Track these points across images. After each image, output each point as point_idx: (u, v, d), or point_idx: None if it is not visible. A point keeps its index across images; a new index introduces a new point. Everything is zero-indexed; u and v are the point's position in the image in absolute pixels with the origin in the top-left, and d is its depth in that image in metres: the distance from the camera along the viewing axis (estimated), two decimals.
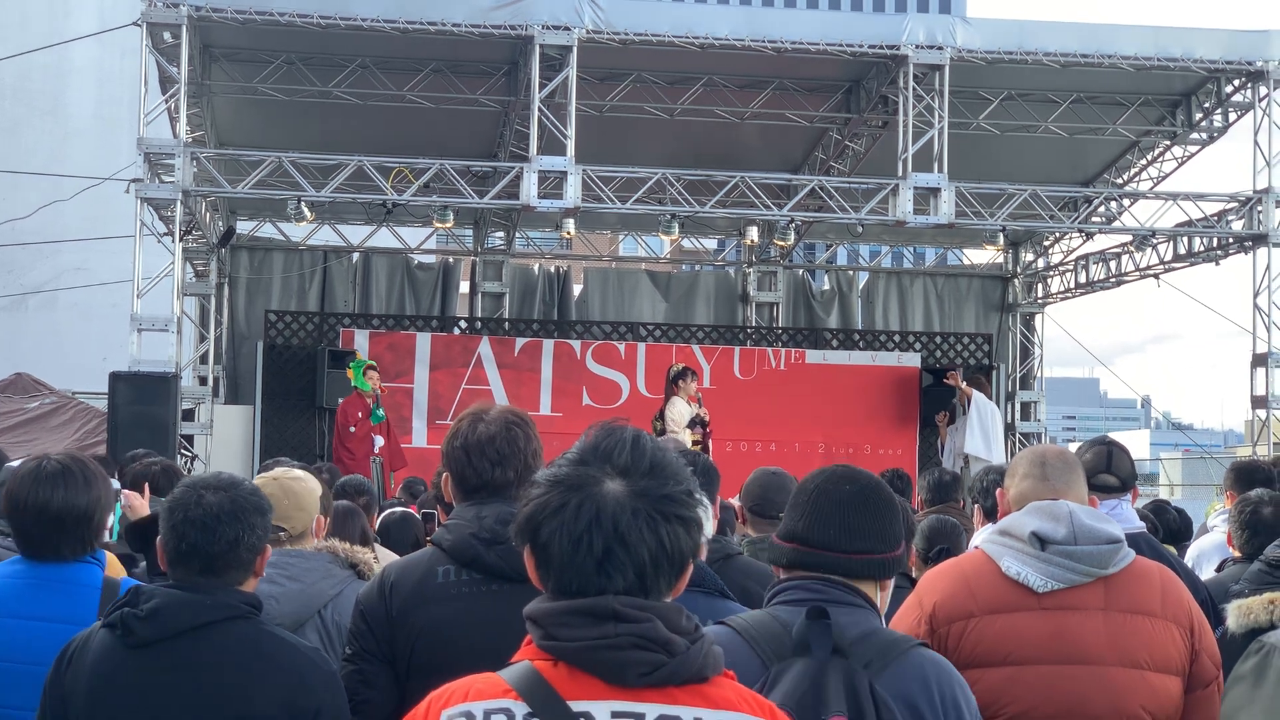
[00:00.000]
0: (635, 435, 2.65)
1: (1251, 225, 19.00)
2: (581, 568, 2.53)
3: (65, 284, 29.14)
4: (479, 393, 20.95)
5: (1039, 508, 4.47)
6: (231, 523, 4.05)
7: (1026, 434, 24.16)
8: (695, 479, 2.69)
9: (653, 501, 2.56)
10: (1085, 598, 4.39)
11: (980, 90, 19.65)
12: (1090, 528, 4.41)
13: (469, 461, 4.28)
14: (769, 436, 21.30)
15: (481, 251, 23.71)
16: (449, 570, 4.14)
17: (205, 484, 4.14)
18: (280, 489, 5.65)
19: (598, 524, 2.53)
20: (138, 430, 15.77)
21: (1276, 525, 6.64)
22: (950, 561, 4.71)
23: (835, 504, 3.74)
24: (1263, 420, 19.07)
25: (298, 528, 5.63)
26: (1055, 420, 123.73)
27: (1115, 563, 4.42)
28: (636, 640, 2.50)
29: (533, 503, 2.60)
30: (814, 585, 3.68)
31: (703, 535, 4.75)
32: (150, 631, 3.91)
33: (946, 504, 9.28)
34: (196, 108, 19.00)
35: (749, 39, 17.86)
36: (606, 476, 2.58)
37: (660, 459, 2.62)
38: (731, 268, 25.39)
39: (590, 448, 2.63)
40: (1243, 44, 18.71)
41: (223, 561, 4.05)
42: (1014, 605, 4.38)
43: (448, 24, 17.30)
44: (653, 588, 2.56)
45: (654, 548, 2.54)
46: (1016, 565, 4.41)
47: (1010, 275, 24.84)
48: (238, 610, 4.00)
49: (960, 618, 4.39)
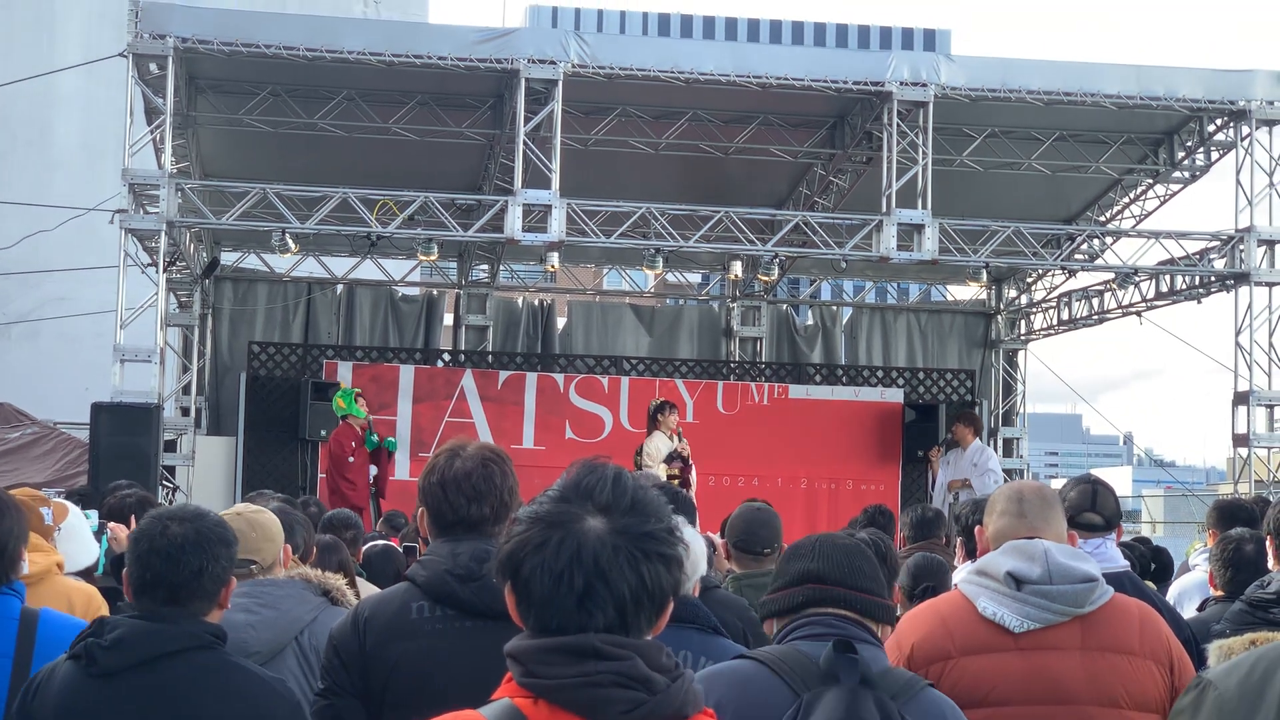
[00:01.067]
0: (616, 473, 2.65)
1: (1234, 264, 19.07)
2: (562, 605, 2.53)
3: (48, 314, 29.06)
4: (462, 426, 20.92)
5: (1015, 547, 4.48)
6: (196, 553, 4.07)
7: (1009, 470, 24.16)
8: (677, 517, 2.69)
9: (633, 539, 2.56)
10: (1062, 637, 4.40)
11: (964, 127, 19.73)
12: (1066, 566, 4.41)
13: (445, 497, 4.28)
14: (752, 471, 21.31)
15: (465, 284, 23.72)
16: (423, 606, 4.14)
17: (171, 515, 4.17)
18: (246, 523, 5.73)
19: (578, 561, 2.53)
20: (120, 461, 15.73)
21: (1259, 562, 6.64)
22: (928, 603, 4.73)
23: (841, 549, 3.86)
24: (1244, 458, 19.10)
25: (268, 559, 5.71)
26: (1038, 456, 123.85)
27: (1091, 601, 4.43)
28: (617, 678, 2.49)
29: (514, 539, 2.60)
30: (832, 621, 3.75)
31: (689, 572, 4.78)
32: (114, 661, 3.92)
33: (929, 540, 9.28)
34: (182, 139, 19.00)
35: (734, 74, 17.92)
36: (588, 514, 2.58)
37: (641, 496, 2.62)
38: (715, 302, 25.42)
39: (571, 485, 2.63)
40: (1224, 83, 18.81)
41: (187, 591, 4.06)
42: (991, 646, 4.39)
43: (433, 57, 17.34)
44: (634, 625, 2.55)
45: (635, 585, 2.54)
46: (993, 606, 4.42)
47: (993, 311, 24.91)
48: (201, 640, 4.02)
49: (939, 659, 4.40)
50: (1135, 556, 9.83)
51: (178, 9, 17.45)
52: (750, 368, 23.53)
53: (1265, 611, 5.18)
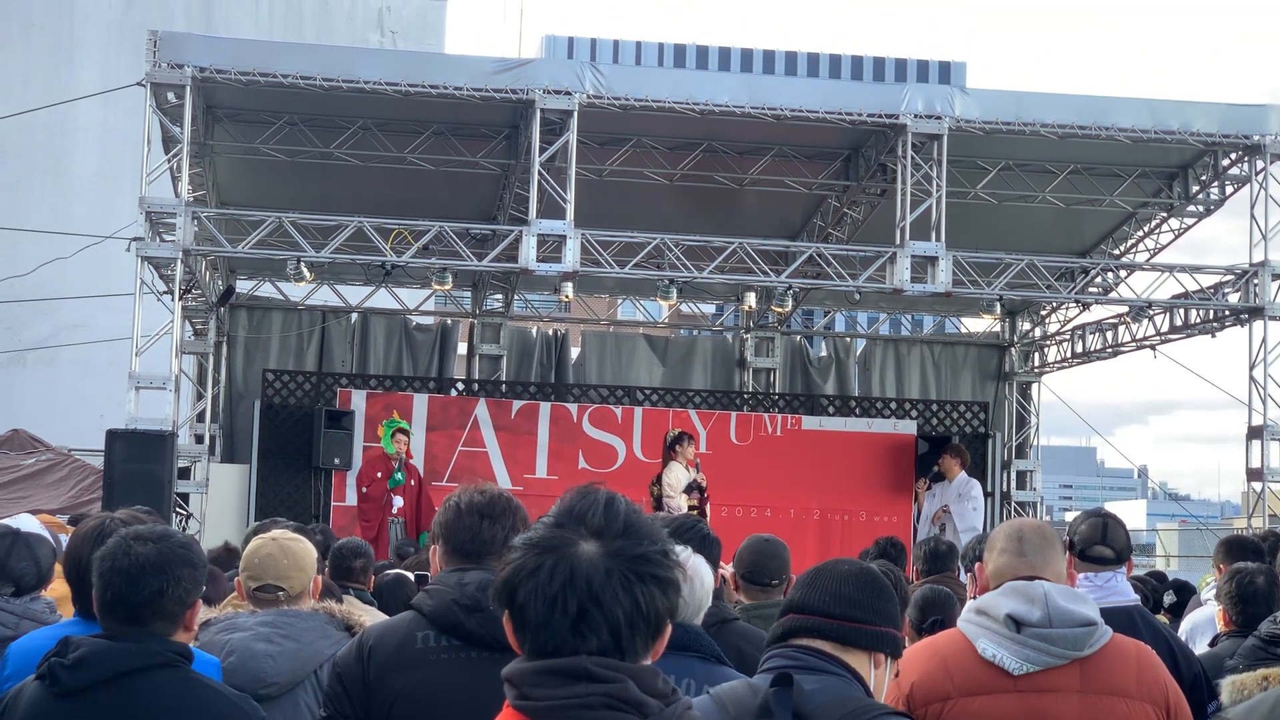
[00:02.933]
0: (609, 497, 2.67)
1: (1248, 298, 19.06)
2: (557, 629, 2.54)
3: (64, 341, 29.17)
4: (475, 455, 20.96)
5: (1015, 589, 4.48)
6: (156, 574, 4.09)
7: (1022, 503, 24.14)
8: (671, 540, 2.70)
9: (627, 562, 2.57)
10: (1061, 680, 4.41)
11: (978, 160, 19.75)
12: (1065, 610, 4.42)
13: (461, 528, 4.31)
14: (764, 502, 21.28)
15: (480, 314, 23.76)
16: (429, 635, 4.15)
17: (137, 535, 4.20)
18: (279, 549, 5.70)
19: (571, 585, 2.54)
20: (134, 488, 15.74)
21: (1271, 595, 6.63)
22: (927, 641, 4.73)
23: (830, 576, 3.85)
24: (1258, 492, 19.05)
25: (295, 588, 5.66)
26: (1051, 489, 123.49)
27: (1090, 644, 4.43)
28: (608, 700, 2.50)
29: (509, 566, 2.62)
30: (792, 653, 3.75)
31: (696, 603, 4.79)
32: (76, 680, 3.96)
33: (943, 574, 9.25)
34: (198, 167, 19.09)
35: (749, 106, 17.97)
36: (581, 538, 2.59)
37: (634, 520, 2.64)
38: (729, 333, 25.43)
39: (565, 510, 2.65)
40: (1239, 118, 18.82)
41: (148, 611, 4.09)
42: (990, 687, 4.39)
43: (449, 87, 17.42)
44: (629, 649, 2.56)
45: (629, 608, 2.55)
46: (992, 648, 4.42)
47: (1007, 344, 24.90)
48: (164, 658, 4.05)
49: (937, 699, 4.40)
50: (1148, 591, 9.82)
51: (195, 39, 17.60)
52: (764, 399, 23.52)
53: (1279, 646, 5.17)
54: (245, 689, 5.14)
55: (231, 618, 5.59)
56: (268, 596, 5.67)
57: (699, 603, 4.79)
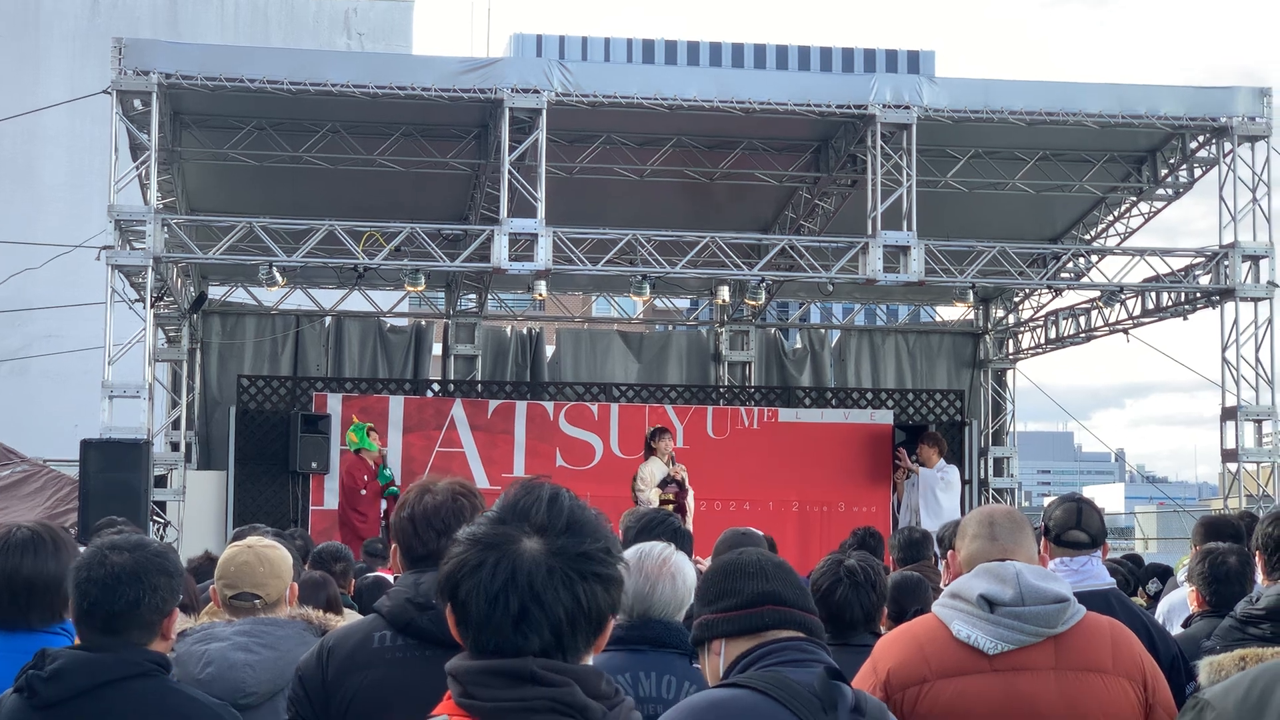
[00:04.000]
0: (553, 493, 2.66)
1: (1219, 280, 19.13)
2: (499, 627, 2.54)
3: (36, 351, 29.05)
4: (452, 455, 20.94)
5: (986, 569, 4.51)
6: (132, 583, 4.08)
7: (1000, 490, 24.22)
8: (616, 537, 2.69)
9: (569, 560, 2.57)
10: (1036, 658, 4.43)
11: (948, 149, 19.79)
12: (1037, 588, 4.45)
13: (415, 532, 4.33)
14: (743, 496, 21.30)
15: (453, 314, 23.73)
16: (385, 635, 4.18)
17: (112, 544, 4.18)
18: (255, 556, 5.69)
19: (513, 583, 2.54)
20: (109, 498, 15.70)
21: (1244, 575, 6.66)
22: (903, 626, 4.75)
23: (783, 567, 3.82)
24: (1234, 473, 19.13)
25: (272, 595, 5.65)
26: (1029, 475, 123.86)
27: (1064, 621, 4.46)
28: (553, 704, 2.50)
29: (452, 561, 2.62)
30: (804, 646, 3.72)
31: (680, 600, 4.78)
32: (53, 692, 3.94)
33: (919, 562, 9.29)
34: (167, 174, 19.03)
35: (718, 100, 17.97)
36: (524, 535, 2.59)
37: (578, 516, 2.63)
38: (704, 327, 25.45)
39: (508, 506, 2.64)
40: (1206, 101, 18.89)
41: (124, 621, 4.08)
42: (966, 668, 4.42)
43: (417, 88, 17.39)
44: (570, 646, 2.56)
45: (570, 607, 2.55)
46: (966, 629, 4.45)
47: (981, 331, 24.96)
48: (141, 668, 4.04)
49: (914, 683, 4.42)
50: (1125, 574, 9.86)
51: (161, 45, 17.54)
52: (739, 392, 23.55)
53: (1255, 627, 5.19)
54: (224, 699, 5.13)
55: (208, 627, 5.58)
56: (244, 605, 5.65)
57: (680, 600, 4.79)
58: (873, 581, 5.93)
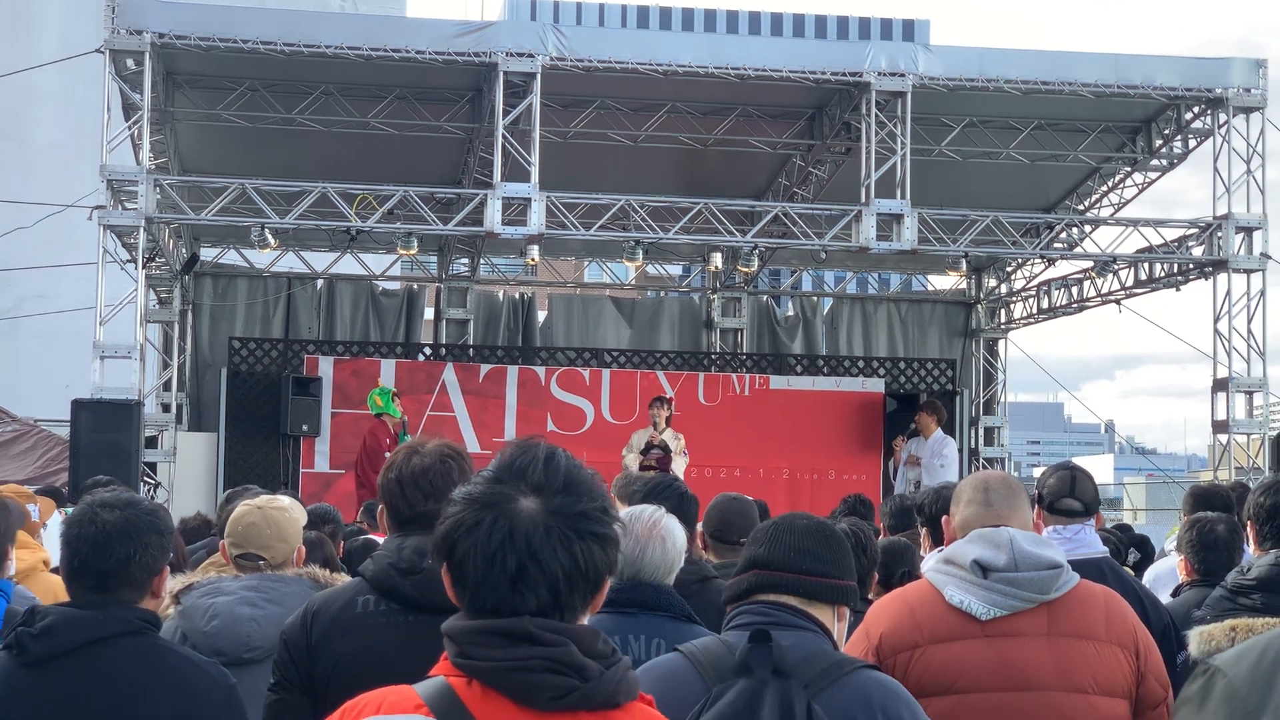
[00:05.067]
0: (549, 452, 2.64)
1: (1212, 251, 19.12)
2: (495, 586, 2.53)
3: (27, 311, 28.98)
4: (443, 419, 20.94)
5: (980, 535, 4.51)
6: (123, 541, 4.09)
7: (990, 459, 24.26)
8: (609, 495, 2.67)
9: (566, 519, 2.56)
10: (1028, 624, 4.44)
11: (942, 117, 19.76)
12: (1031, 554, 4.45)
13: (402, 494, 4.31)
14: (734, 462, 21.32)
15: (446, 278, 23.70)
16: (369, 600, 4.16)
17: (103, 502, 4.19)
18: (263, 517, 5.68)
19: (511, 542, 2.52)
20: (100, 458, 15.70)
21: (1232, 543, 6.66)
22: (896, 592, 4.75)
23: (790, 530, 3.85)
24: (1224, 445, 19.17)
25: (277, 557, 5.65)
26: (1019, 445, 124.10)
27: (1057, 588, 4.47)
28: (550, 664, 2.49)
29: (448, 520, 2.60)
30: (763, 609, 3.76)
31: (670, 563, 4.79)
32: (43, 649, 3.95)
33: (910, 530, 9.28)
34: (160, 134, 18.97)
35: (712, 66, 17.92)
36: (520, 494, 2.57)
37: (575, 476, 2.62)
38: (696, 294, 25.44)
39: (505, 465, 2.63)
40: (1201, 71, 18.86)
41: (114, 579, 4.08)
42: (958, 634, 4.42)
43: (412, 51, 17.32)
44: (567, 605, 2.55)
45: (568, 565, 2.54)
46: (959, 594, 4.45)
47: (973, 301, 24.96)
48: (131, 625, 4.05)
49: (906, 648, 4.43)
50: (1116, 543, 9.87)
51: (154, 4, 17.38)
52: (731, 359, 23.56)
53: (1246, 597, 5.19)
54: (229, 653, 5.15)
55: (215, 581, 5.59)
56: (249, 564, 5.67)
57: (670, 563, 4.79)
58: (864, 546, 5.94)
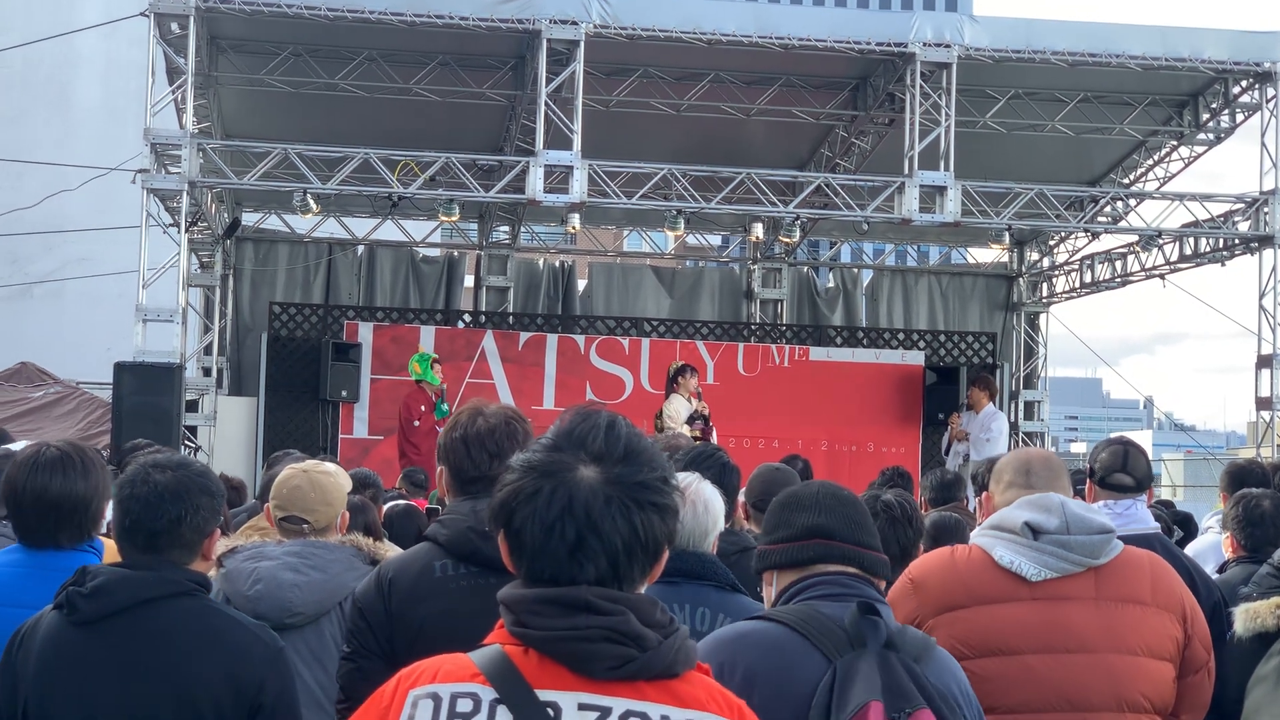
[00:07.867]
0: (610, 420, 2.61)
1: (1258, 226, 18.98)
2: (554, 555, 2.50)
3: (70, 274, 29.10)
4: (482, 387, 20.96)
5: (1030, 500, 4.51)
6: (175, 502, 4.08)
7: (1030, 434, 24.16)
8: (670, 466, 2.64)
9: (626, 489, 2.53)
10: (1076, 587, 4.43)
11: (987, 89, 19.63)
12: (1082, 518, 4.44)
13: (468, 453, 4.30)
14: (772, 433, 21.26)
15: (486, 245, 23.70)
16: (446, 564, 4.16)
17: (155, 463, 4.19)
18: (308, 481, 5.70)
19: (570, 512, 2.50)
20: (141, 421, 15.77)
21: (1278, 518, 6.62)
22: (943, 551, 4.71)
23: (843, 501, 3.80)
24: (1267, 422, 19.03)
25: (321, 522, 5.67)
26: (1058, 420, 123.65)
27: (1106, 552, 4.46)
28: (607, 633, 2.47)
29: (506, 488, 2.57)
30: (846, 580, 3.70)
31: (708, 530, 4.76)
32: (93, 608, 3.95)
33: (952, 504, 9.25)
34: (203, 99, 18.99)
35: (756, 35, 17.83)
36: (580, 463, 2.54)
37: (636, 445, 2.58)
38: (736, 264, 25.38)
39: (565, 433, 2.59)
40: (1250, 45, 18.69)
41: (165, 539, 4.08)
42: (1006, 595, 4.41)
43: (455, 17, 17.27)
44: (626, 576, 2.52)
45: (627, 536, 2.51)
46: (1010, 554, 4.44)
47: (1015, 274, 24.82)
48: (182, 586, 4.04)
49: (951, 608, 4.40)
50: (1167, 519, 9.81)
51: None
52: (771, 330, 23.51)
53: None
54: (271, 617, 5.16)
55: (259, 546, 5.61)
56: (292, 528, 5.69)
57: (704, 529, 4.75)
58: (909, 517, 5.91)
